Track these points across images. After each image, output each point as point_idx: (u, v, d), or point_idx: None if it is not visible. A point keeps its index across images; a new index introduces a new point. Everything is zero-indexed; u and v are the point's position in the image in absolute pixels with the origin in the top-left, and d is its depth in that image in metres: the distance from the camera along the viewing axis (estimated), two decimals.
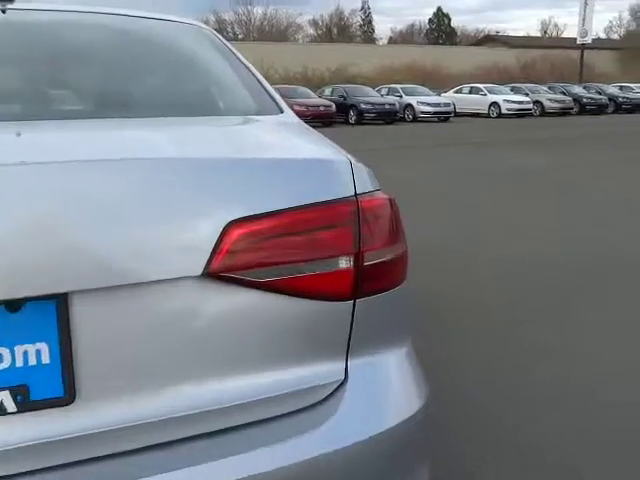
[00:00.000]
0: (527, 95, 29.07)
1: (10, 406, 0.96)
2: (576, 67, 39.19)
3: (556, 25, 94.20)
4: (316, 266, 1.12)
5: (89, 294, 0.98)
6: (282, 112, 1.67)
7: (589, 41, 37.22)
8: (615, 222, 6.24)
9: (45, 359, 0.98)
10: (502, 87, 29.70)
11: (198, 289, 1.04)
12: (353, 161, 1.22)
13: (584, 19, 35.35)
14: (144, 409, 1.03)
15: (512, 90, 29.87)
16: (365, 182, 1.21)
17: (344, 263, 1.15)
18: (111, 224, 0.99)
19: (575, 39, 38.80)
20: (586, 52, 38.03)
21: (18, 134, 1.27)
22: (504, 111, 26.80)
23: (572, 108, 29.32)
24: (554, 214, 6.64)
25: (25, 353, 0.97)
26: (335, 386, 1.17)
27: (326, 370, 1.17)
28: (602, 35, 71.84)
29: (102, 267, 0.98)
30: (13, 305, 0.96)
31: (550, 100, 29.23)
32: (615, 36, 71.55)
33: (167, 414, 1.04)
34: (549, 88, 31.84)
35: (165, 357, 1.04)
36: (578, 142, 15.16)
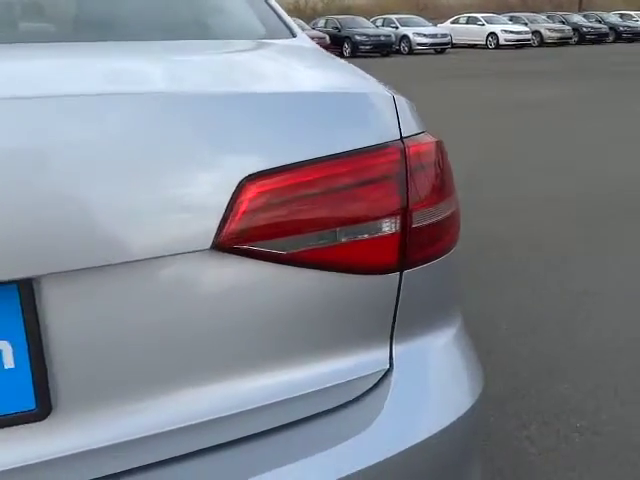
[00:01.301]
0: (526, 25, 28.16)
1: None
2: None
3: None
4: (353, 232, 0.88)
5: (62, 278, 0.74)
6: (295, 36, 1.38)
7: None
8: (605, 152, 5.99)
9: (8, 362, 0.75)
10: (500, 17, 28.75)
11: (205, 267, 0.80)
12: (396, 95, 0.96)
13: None
14: (139, 421, 0.80)
15: (511, 20, 28.92)
16: (410, 122, 0.96)
17: (388, 226, 0.90)
18: (88, 183, 0.74)
19: None
20: None
21: None
22: (502, 42, 25.99)
23: (571, 38, 28.49)
24: (554, 148, 6.38)
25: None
26: (378, 377, 0.95)
27: (367, 359, 0.94)
28: None
29: (79, 242, 0.74)
30: None
31: (549, 30, 28.34)
32: None
33: (166, 426, 0.81)
34: (548, 17, 30.85)
35: (164, 355, 0.81)
36: (576, 74, 14.68)
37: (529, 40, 26.79)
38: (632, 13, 33.71)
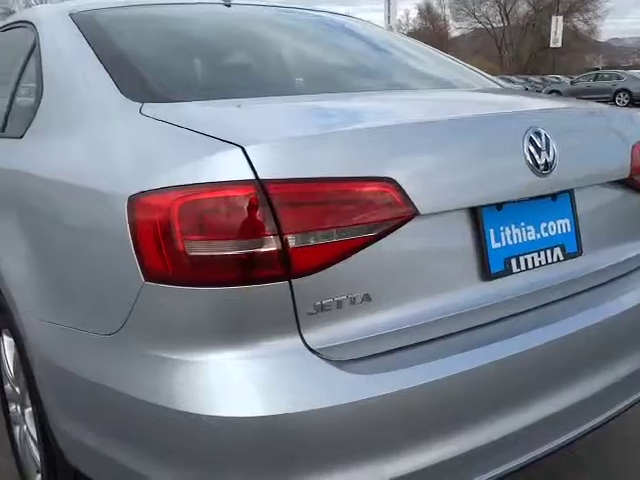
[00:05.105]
0: None
1: (560, 256, 1.60)
2: None
3: None
4: None
5: (580, 190, 1.64)
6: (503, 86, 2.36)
7: None
8: None
9: (568, 229, 1.62)
10: None
11: (618, 188, 1.74)
12: None
13: (389, 17, 38.41)
14: (612, 259, 1.72)
15: None
16: None
17: None
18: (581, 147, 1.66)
19: None
20: None
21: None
22: None
23: None
24: None
25: (560, 225, 1.61)
26: None
27: None
28: None
29: (588, 171, 1.65)
30: (553, 196, 1.59)
31: None
32: (404, 33, 78.07)
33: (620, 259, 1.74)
34: None
35: (617, 228, 1.73)
36: None
37: None
38: None
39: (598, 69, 43.68)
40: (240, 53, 2.02)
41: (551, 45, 48.33)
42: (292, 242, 1.20)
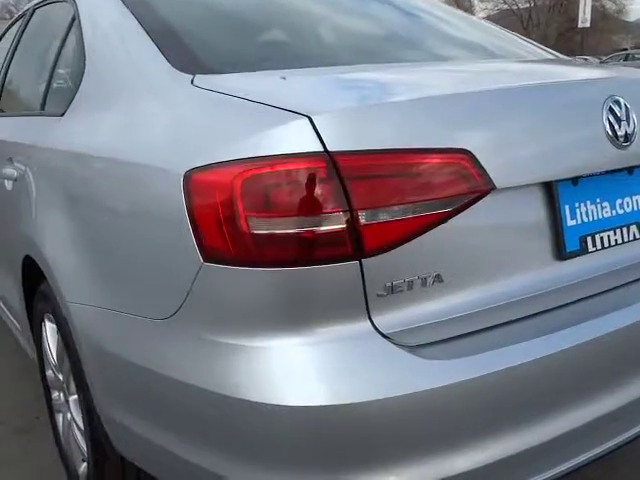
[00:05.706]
0: None
1: (637, 234, 1.49)
2: None
3: None
4: None
5: None
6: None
7: None
8: None
9: None
10: None
11: None
12: None
13: None
14: None
15: None
16: None
17: None
18: None
19: None
20: None
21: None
22: None
23: None
24: None
25: (637, 201, 1.49)
26: None
27: None
28: None
29: None
30: (630, 170, 1.48)
31: None
32: None
33: None
34: None
35: None
36: None
37: None
38: None
39: (626, 49, 42.75)
40: (288, 23, 1.92)
41: (579, 25, 47.21)
42: (363, 219, 1.11)
